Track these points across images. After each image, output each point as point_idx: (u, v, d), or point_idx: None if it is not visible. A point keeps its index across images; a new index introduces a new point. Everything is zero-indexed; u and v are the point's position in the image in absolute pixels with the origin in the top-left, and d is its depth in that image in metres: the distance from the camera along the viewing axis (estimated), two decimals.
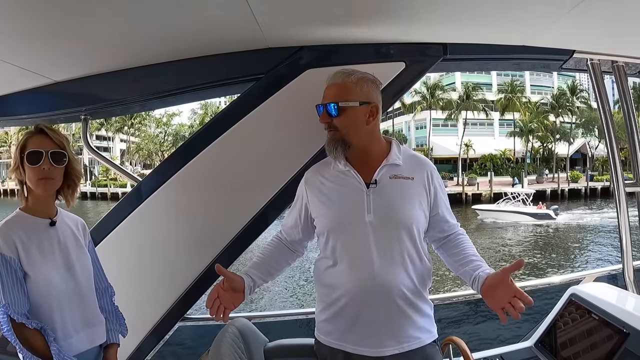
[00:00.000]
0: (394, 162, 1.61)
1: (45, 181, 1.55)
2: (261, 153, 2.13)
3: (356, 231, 1.54)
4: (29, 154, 1.53)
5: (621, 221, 2.41)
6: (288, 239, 1.79)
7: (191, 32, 1.84)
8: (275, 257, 1.75)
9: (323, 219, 1.62)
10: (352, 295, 1.52)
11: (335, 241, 1.58)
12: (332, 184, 1.63)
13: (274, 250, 1.76)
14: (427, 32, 2.01)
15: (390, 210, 1.54)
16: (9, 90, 2.22)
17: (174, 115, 56.31)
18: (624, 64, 2.37)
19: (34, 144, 1.55)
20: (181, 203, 2.17)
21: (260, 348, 1.73)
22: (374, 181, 1.57)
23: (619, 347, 1.72)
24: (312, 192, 1.67)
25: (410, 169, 1.62)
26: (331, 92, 1.59)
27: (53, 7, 1.46)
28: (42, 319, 1.48)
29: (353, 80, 1.59)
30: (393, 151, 1.64)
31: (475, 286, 1.51)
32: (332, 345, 1.58)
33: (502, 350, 2.20)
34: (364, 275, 1.51)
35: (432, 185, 1.64)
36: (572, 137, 48.36)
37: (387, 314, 1.51)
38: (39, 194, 1.57)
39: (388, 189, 1.57)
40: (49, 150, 1.54)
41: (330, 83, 1.61)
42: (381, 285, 1.49)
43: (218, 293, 1.55)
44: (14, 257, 1.46)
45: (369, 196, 1.55)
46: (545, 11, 1.75)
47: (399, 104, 48.12)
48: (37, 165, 1.52)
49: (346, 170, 1.61)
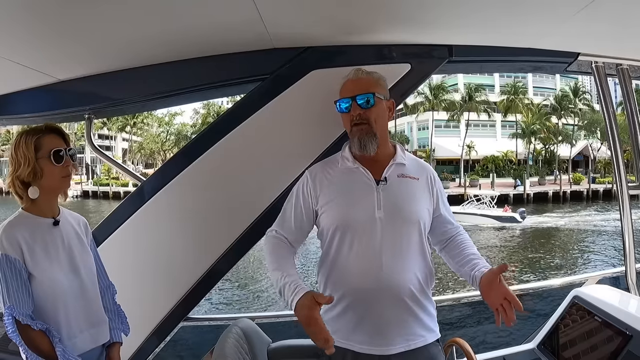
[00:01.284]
0: (400, 162, 1.64)
1: (69, 178, 1.60)
2: (266, 154, 2.12)
3: (366, 227, 1.54)
4: (55, 152, 1.54)
5: (624, 223, 2.41)
6: (288, 238, 1.70)
7: (196, 33, 1.84)
8: (290, 258, 1.64)
9: (332, 214, 1.60)
10: (360, 293, 1.52)
11: (344, 237, 1.57)
12: (341, 180, 1.63)
13: (286, 254, 1.63)
14: (432, 34, 2.02)
15: (400, 207, 1.56)
16: (13, 88, 2.22)
17: (176, 114, 56.50)
18: (628, 66, 2.38)
19: (53, 143, 1.56)
20: (185, 203, 2.17)
21: (264, 349, 1.73)
22: (383, 178, 1.59)
23: (621, 349, 1.72)
24: (319, 187, 1.65)
25: (415, 170, 1.66)
26: (360, 85, 1.61)
27: (58, 7, 1.47)
28: (46, 319, 1.47)
29: (375, 76, 1.65)
30: (399, 152, 1.67)
31: (475, 285, 1.53)
32: (339, 345, 1.52)
33: (505, 352, 2.20)
34: (373, 272, 1.51)
35: (435, 187, 1.68)
36: (575, 139, 48.27)
37: (395, 311, 1.51)
38: (59, 191, 1.62)
39: (397, 187, 1.59)
40: (67, 149, 1.58)
41: (353, 78, 1.63)
42: (389, 282, 1.50)
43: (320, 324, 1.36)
44: (18, 258, 1.45)
45: (379, 193, 1.57)
46: (550, 14, 1.76)
47: (401, 105, 48.06)
48: (61, 164, 1.56)
49: (355, 168, 1.62)
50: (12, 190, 1.58)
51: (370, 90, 1.59)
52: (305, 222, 1.69)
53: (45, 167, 1.54)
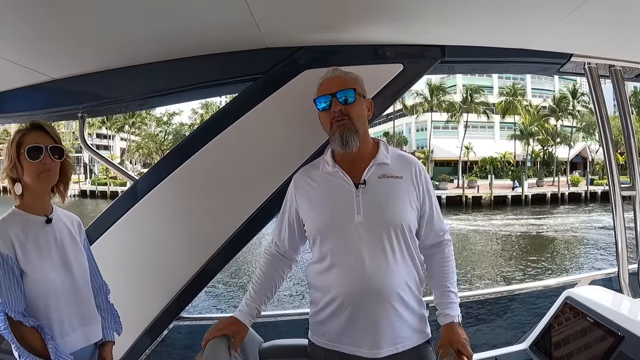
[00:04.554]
0: (382, 162, 1.60)
1: (47, 174, 1.56)
2: (258, 153, 2.13)
3: (346, 232, 1.53)
4: (29, 149, 1.53)
5: (617, 224, 2.42)
6: (282, 248, 1.74)
7: (189, 32, 1.84)
8: (270, 280, 1.71)
9: (313, 221, 1.61)
10: (345, 297, 1.51)
11: (326, 243, 1.56)
12: (320, 186, 1.62)
13: (267, 272, 1.72)
14: (425, 34, 2.02)
15: (380, 210, 1.53)
16: (6, 87, 2.22)
17: (175, 114, 56.44)
18: (621, 68, 2.38)
19: (33, 139, 1.55)
20: (178, 202, 2.17)
21: (255, 348, 1.73)
22: (362, 181, 1.56)
23: (613, 350, 1.72)
24: (301, 196, 1.66)
25: (399, 168, 1.61)
26: (339, 81, 1.59)
27: (51, 5, 1.47)
28: (39, 316, 1.48)
29: (353, 76, 1.63)
30: (381, 151, 1.63)
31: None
32: (327, 347, 1.57)
33: (497, 352, 2.20)
34: (356, 277, 1.50)
35: (421, 182, 1.62)
36: (573, 141, 48.38)
37: (381, 314, 1.50)
38: (40, 188, 1.58)
39: (377, 189, 1.56)
40: (48, 145, 1.56)
41: (332, 76, 1.62)
42: (373, 286, 1.49)
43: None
44: (10, 255, 1.46)
45: (359, 197, 1.54)
46: (543, 15, 1.76)
47: (400, 106, 48.16)
48: (38, 160, 1.54)
49: (334, 172, 1.60)
50: (8, 187, 1.61)
51: (351, 86, 1.57)
52: (297, 229, 1.71)
53: (24, 164, 1.54)
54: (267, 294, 1.70)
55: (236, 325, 1.60)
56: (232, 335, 1.56)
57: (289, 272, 1.78)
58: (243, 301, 1.67)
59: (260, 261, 1.76)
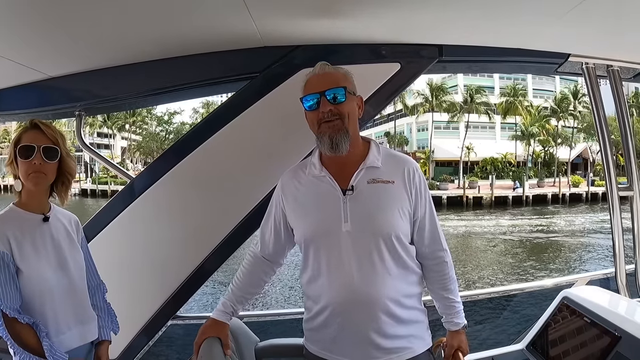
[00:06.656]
0: (372, 165, 1.50)
1: (36, 175, 1.54)
2: (255, 152, 2.13)
3: (333, 242, 1.46)
4: (21, 148, 1.53)
5: (614, 225, 2.42)
6: (266, 251, 1.68)
7: (187, 30, 1.84)
8: (249, 281, 1.68)
9: (300, 229, 1.55)
10: (336, 307, 1.46)
11: (314, 252, 1.50)
12: (307, 191, 1.55)
13: (248, 273, 1.68)
14: (422, 34, 2.02)
15: (369, 219, 1.45)
16: (3, 85, 2.21)
17: (176, 113, 56.46)
18: (619, 68, 2.38)
19: (27, 138, 1.55)
20: (174, 201, 2.17)
21: (252, 348, 1.74)
22: (350, 187, 1.47)
23: (610, 350, 1.72)
24: (287, 200, 1.59)
25: (390, 171, 1.51)
26: (328, 79, 1.49)
27: (48, 3, 1.47)
28: (34, 314, 1.47)
29: (342, 71, 1.54)
30: (372, 153, 1.53)
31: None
32: (320, 355, 1.52)
33: (494, 352, 2.19)
34: (345, 288, 1.43)
35: (413, 184, 1.51)
36: (574, 142, 48.30)
37: (372, 325, 1.44)
38: (30, 188, 1.57)
39: (366, 195, 1.47)
40: (41, 145, 1.54)
41: (320, 72, 1.52)
42: (363, 297, 1.43)
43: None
44: (7, 252, 1.46)
45: (346, 204, 1.46)
46: (540, 14, 1.76)
47: (401, 106, 48.11)
48: (29, 159, 1.53)
49: (321, 176, 1.52)
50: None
51: (340, 84, 1.47)
52: (283, 232, 1.64)
53: (19, 163, 1.55)
54: (246, 295, 1.67)
55: (216, 325, 1.58)
56: (217, 336, 1.55)
57: (272, 275, 1.74)
58: (221, 300, 1.65)
59: (244, 261, 1.72)
